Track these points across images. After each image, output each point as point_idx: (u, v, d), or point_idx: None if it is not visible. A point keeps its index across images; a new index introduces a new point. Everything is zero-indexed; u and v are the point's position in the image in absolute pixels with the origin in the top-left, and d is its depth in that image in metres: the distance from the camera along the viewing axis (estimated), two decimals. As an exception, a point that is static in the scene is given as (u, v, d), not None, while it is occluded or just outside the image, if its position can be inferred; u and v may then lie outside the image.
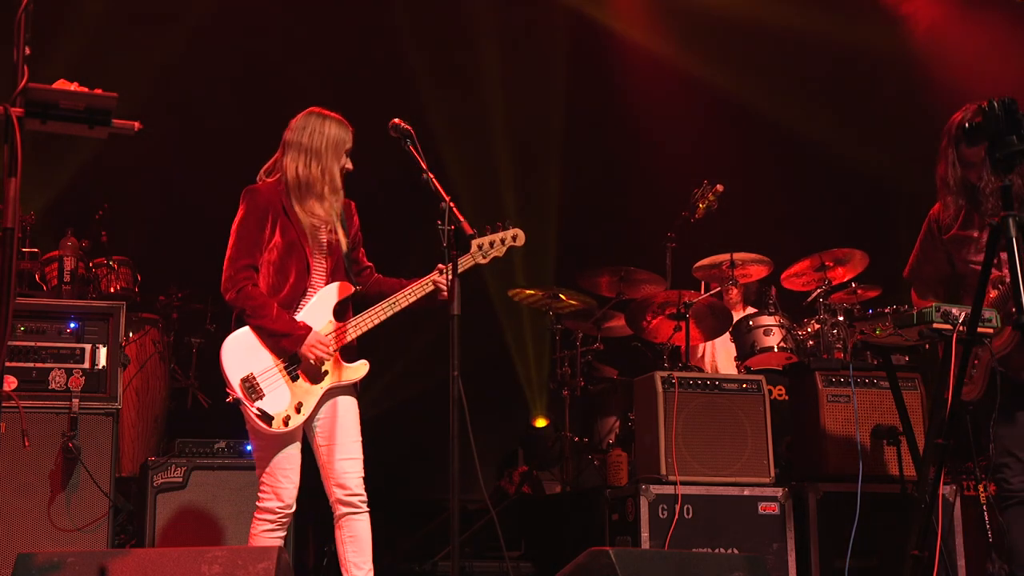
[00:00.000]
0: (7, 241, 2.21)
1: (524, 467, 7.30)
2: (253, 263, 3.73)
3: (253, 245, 3.73)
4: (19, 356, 4.42)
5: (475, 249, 3.95)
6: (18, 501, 4.32)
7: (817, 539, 5.12)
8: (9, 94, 2.31)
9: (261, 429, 3.61)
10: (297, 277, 3.75)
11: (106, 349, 4.54)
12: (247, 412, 3.62)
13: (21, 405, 4.28)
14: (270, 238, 3.74)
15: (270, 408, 3.61)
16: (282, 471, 3.68)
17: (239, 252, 3.73)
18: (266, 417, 3.59)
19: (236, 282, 3.70)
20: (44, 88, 2.39)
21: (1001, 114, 2.96)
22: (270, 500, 3.69)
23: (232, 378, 3.62)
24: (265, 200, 3.77)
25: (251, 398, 3.60)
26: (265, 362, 3.67)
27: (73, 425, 4.39)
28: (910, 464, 5.08)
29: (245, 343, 3.68)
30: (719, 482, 5.15)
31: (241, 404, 3.63)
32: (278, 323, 3.66)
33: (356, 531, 3.70)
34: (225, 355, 3.66)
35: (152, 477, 4.69)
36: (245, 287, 3.68)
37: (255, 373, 3.64)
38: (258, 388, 3.62)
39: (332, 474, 3.73)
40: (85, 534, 4.36)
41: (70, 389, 4.44)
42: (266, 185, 3.83)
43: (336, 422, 3.76)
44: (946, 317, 3.96)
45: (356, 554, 3.69)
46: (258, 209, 3.75)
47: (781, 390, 6.11)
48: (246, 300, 3.67)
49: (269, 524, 3.70)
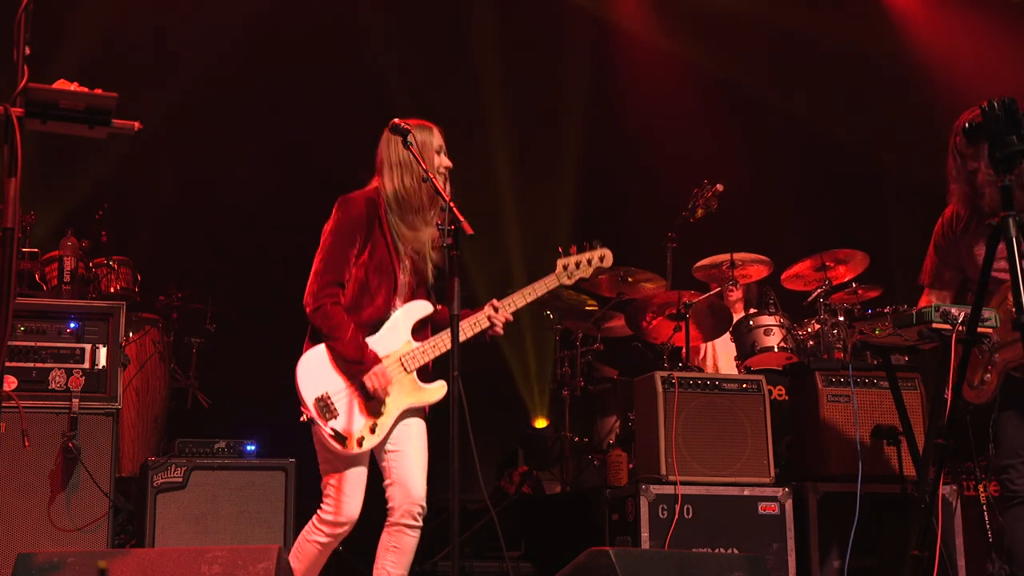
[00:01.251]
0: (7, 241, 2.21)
1: (524, 467, 7.30)
2: (339, 279, 3.63)
3: (342, 260, 3.64)
4: (19, 356, 4.41)
5: (560, 269, 3.88)
6: (18, 501, 4.32)
7: (817, 539, 5.12)
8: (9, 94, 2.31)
9: (335, 449, 3.56)
10: (384, 298, 3.68)
11: (106, 349, 4.54)
12: (321, 432, 3.56)
13: (21, 405, 4.28)
14: (359, 253, 3.65)
15: (344, 428, 3.55)
16: (348, 487, 3.62)
17: (326, 267, 3.63)
18: (339, 438, 3.53)
19: (319, 298, 3.60)
20: (44, 88, 2.39)
21: (1001, 114, 2.96)
22: (332, 514, 3.63)
23: (307, 397, 3.56)
24: (360, 212, 3.67)
25: (325, 418, 3.55)
26: (339, 381, 3.60)
27: (73, 425, 4.38)
28: (910, 464, 5.08)
29: (320, 361, 3.61)
30: (719, 482, 5.15)
31: (315, 424, 3.57)
32: (348, 347, 3.58)
33: (404, 544, 3.65)
34: (300, 374, 3.58)
35: (152, 477, 4.69)
36: (325, 305, 3.59)
37: (330, 392, 3.58)
38: (332, 408, 3.56)
39: (402, 480, 3.65)
40: (85, 534, 4.36)
41: (70, 389, 4.44)
42: (362, 195, 3.73)
43: (406, 430, 3.70)
44: (945, 317, 3.96)
45: (395, 566, 3.65)
46: (352, 221, 3.65)
47: (781, 390, 6.11)
48: (324, 319, 3.59)
49: (325, 537, 3.65)
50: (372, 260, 3.67)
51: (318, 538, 3.66)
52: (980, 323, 3.52)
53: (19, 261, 4.84)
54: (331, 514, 3.64)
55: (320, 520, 3.67)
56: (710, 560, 4.29)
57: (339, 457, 3.61)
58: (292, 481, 4.82)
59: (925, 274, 4.47)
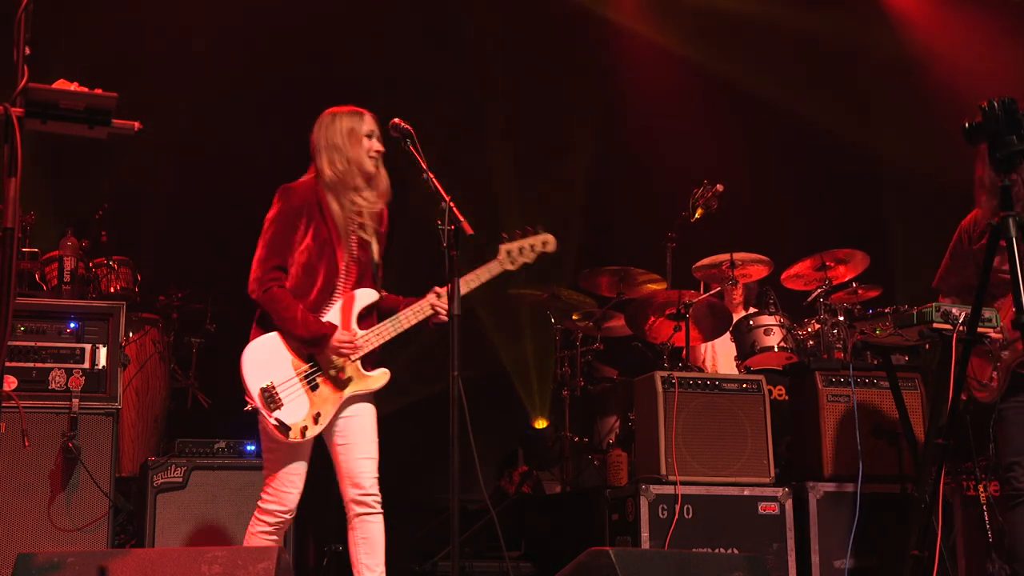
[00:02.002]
0: (7, 241, 2.21)
1: (524, 467, 7.30)
2: (282, 264, 3.68)
3: (284, 245, 3.69)
4: (19, 356, 4.41)
5: (503, 255, 3.88)
6: (18, 501, 4.32)
7: (817, 539, 5.12)
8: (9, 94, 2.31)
9: (279, 439, 3.58)
10: (325, 280, 3.71)
11: (106, 349, 4.54)
12: (265, 422, 3.59)
13: (21, 405, 4.28)
14: (302, 239, 3.70)
15: (288, 418, 3.57)
16: (289, 478, 3.66)
17: (269, 252, 3.69)
18: (284, 428, 3.56)
19: (264, 283, 3.65)
20: (44, 88, 2.39)
21: (1001, 114, 2.96)
22: (272, 503, 3.68)
23: (252, 387, 3.59)
24: (300, 199, 3.73)
25: (269, 408, 3.57)
26: (286, 371, 3.63)
27: (73, 425, 4.38)
28: (910, 464, 5.08)
29: (265, 351, 3.64)
30: (719, 482, 5.16)
31: (259, 413, 3.60)
32: (304, 326, 3.62)
33: (369, 532, 3.68)
34: (245, 364, 3.61)
35: (152, 477, 4.69)
36: (272, 288, 3.64)
37: (275, 382, 3.60)
38: (277, 398, 3.59)
39: (348, 473, 3.70)
40: (85, 534, 4.36)
41: (70, 389, 4.44)
42: (302, 183, 3.79)
43: (355, 422, 3.73)
44: (946, 317, 3.96)
45: (368, 556, 3.67)
46: (292, 208, 3.71)
47: (781, 390, 6.11)
48: (272, 302, 3.63)
49: (268, 527, 3.69)
50: (315, 244, 3.70)
51: (262, 528, 3.70)
52: (980, 323, 3.53)
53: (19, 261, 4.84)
54: (271, 503, 3.68)
55: (261, 511, 3.70)
56: (710, 560, 4.29)
57: (282, 447, 3.64)
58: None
59: (938, 278, 4.51)
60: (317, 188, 3.76)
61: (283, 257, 3.68)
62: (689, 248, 6.56)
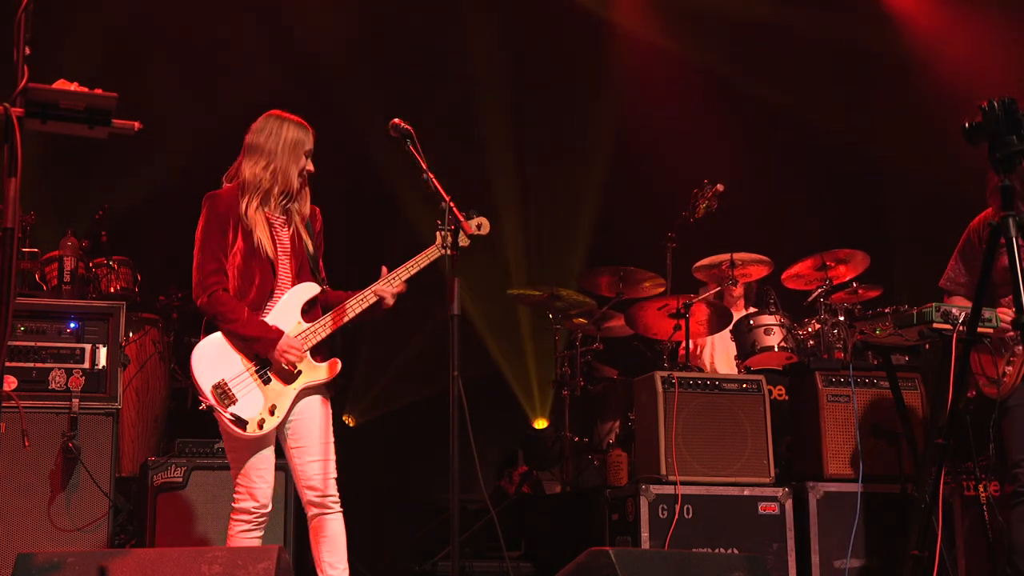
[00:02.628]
0: (7, 241, 2.21)
1: (524, 467, 7.30)
2: (221, 267, 3.71)
3: (218, 249, 3.72)
4: (19, 356, 4.41)
5: (439, 240, 3.91)
6: (18, 501, 4.32)
7: (817, 539, 5.12)
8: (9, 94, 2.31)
9: (236, 434, 3.61)
10: (262, 280, 3.74)
11: (106, 349, 4.54)
12: (221, 418, 3.61)
13: (21, 405, 4.28)
14: (233, 242, 3.73)
15: (243, 413, 3.61)
16: (256, 472, 3.68)
17: (205, 257, 3.73)
18: (240, 422, 3.59)
19: (206, 287, 3.69)
20: (44, 88, 2.38)
21: (1001, 114, 2.96)
22: (245, 500, 3.69)
23: (204, 385, 3.62)
24: (225, 205, 3.76)
25: (224, 404, 3.60)
26: (236, 367, 3.67)
27: (73, 425, 4.38)
28: (910, 464, 5.08)
29: (215, 349, 3.68)
30: (719, 482, 5.16)
31: (214, 411, 3.62)
32: (249, 327, 3.66)
33: (329, 531, 3.71)
34: (196, 363, 3.65)
35: (152, 477, 4.69)
36: (216, 292, 3.68)
37: (227, 379, 3.64)
38: (230, 394, 3.62)
39: (302, 476, 3.74)
40: (85, 534, 4.36)
41: (70, 389, 4.44)
42: (227, 190, 3.84)
43: (306, 424, 3.76)
44: (946, 317, 3.97)
45: (330, 554, 3.70)
46: (219, 215, 3.75)
47: (781, 390, 6.11)
48: (216, 305, 3.68)
49: (245, 524, 3.70)
50: (245, 246, 3.73)
51: (241, 528, 3.70)
52: (980, 323, 3.52)
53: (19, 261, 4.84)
54: (243, 501, 3.69)
55: (236, 512, 3.71)
56: (710, 560, 4.29)
57: (242, 442, 3.66)
58: (292, 481, 4.80)
59: (944, 277, 4.52)
60: (243, 191, 3.79)
61: (219, 261, 3.72)
62: (689, 248, 6.56)
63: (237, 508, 3.70)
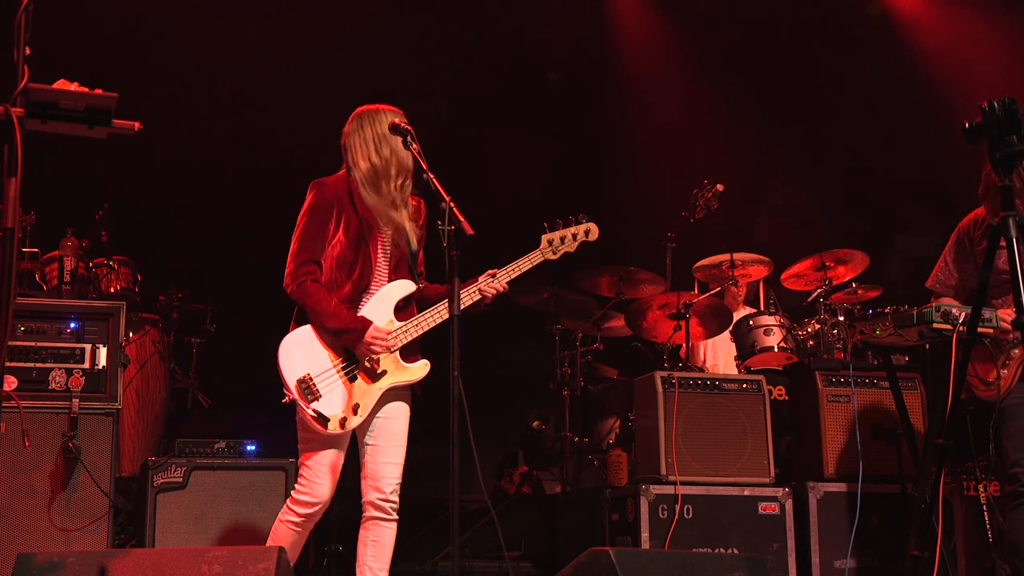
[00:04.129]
0: (7, 241, 2.21)
1: (524, 467, 7.30)
2: (315, 258, 3.67)
3: (317, 239, 3.67)
4: (19, 356, 4.41)
5: (544, 245, 3.87)
6: (18, 501, 4.32)
7: (817, 539, 5.12)
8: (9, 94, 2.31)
9: (318, 431, 3.57)
10: (360, 274, 3.69)
11: (106, 349, 4.54)
12: (304, 413, 3.57)
13: (21, 405, 4.28)
14: (334, 233, 3.69)
15: (326, 409, 3.56)
16: (323, 469, 3.63)
17: (302, 246, 3.68)
18: (322, 419, 3.55)
19: (297, 277, 3.64)
20: (44, 88, 2.38)
21: (1001, 114, 2.96)
22: (305, 494, 3.64)
23: (288, 379, 3.57)
24: (332, 193, 3.71)
25: (307, 399, 3.56)
26: (323, 362, 3.62)
27: (73, 425, 4.38)
28: (910, 464, 5.08)
29: (302, 342, 3.63)
30: (719, 482, 5.16)
31: (297, 405, 3.58)
32: (336, 319, 3.60)
33: (381, 536, 3.67)
34: (282, 356, 3.60)
35: (152, 477, 4.69)
36: (305, 282, 3.63)
37: (312, 374, 3.59)
38: (314, 389, 3.57)
39: (372, 475, 3.69)
40: (85, 534, 4.35)
41: (70, 389, 4.44)
42: (335, 178, 3.79)
43: (387, 424, 3.71)
44: (946, 317, 3.97)
45: (376, 559, 3.66)
46: (325, 202, 3.70)
47: (781, 390, 6.11)
48: (305, 296, 3.62)
49: (298, 517, 3.66)
50: (347, 238, 3.69)
51: (291, 518, 3.68)
52: (980, 323, 3.53)
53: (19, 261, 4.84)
54: (304, 494, 3.66)
55: (293, 500, 3.68)
56: (710, 560, 4.29)
57: (320, 438, 3.63)
58: (292, 481, 4.81)
59: (932, 277, 4.51)
60: (349, 182, 3.74)
61: (316, 251, 3.67)
62: (689, 248, 6.56)
63: (296, 499, 3.66)
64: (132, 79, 6.92)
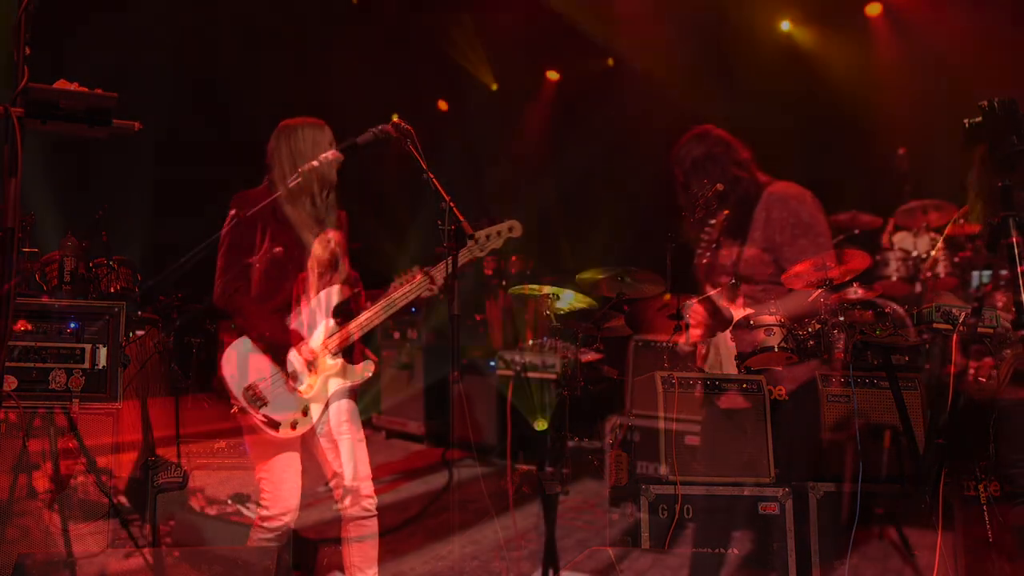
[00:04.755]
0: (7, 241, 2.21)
1: (524, 467, 7.29)
2: (242, 272, 3.72)
3: (244, 252, 3.73)
4: (19, 356, 4.41)
5: (472, 243, 3.92)
6: (18, 501, 4.31)
7: (817, 539, 5.11)
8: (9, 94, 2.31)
9: (271, 436, 3.58)
10: (290, 284, 3.75)
11: (106, 349, 4.54)
12: (253, 420, 3.59)
13: (21, 405, 4.27)
14: (261, 244, 3.74)
15: (276, 414, 3.59)
16: (282, 475, 3.67)
17: (229, 262, 3.74)
18: (273, 423, 3.57)
19: (225, 292, 3.72)
20: (44, 88, 2.39)
21: (1001, 114, 2.96)
22: (272, 507, 3.66)
23: (235, 388, 3.61)
24: (255, 206, 3.77)
25: (255, 406, 3.58)
26: (267, 369, 3.66)
27: (73, 425, 4.38)
28: (910, 464, 5.08)
29: (246, 352, 3.67)
30: (719, 482, 5.15)
31: (245, 414, 3.60)
32: (265, 331, 3.66)
33: (364, 535, 3.69)
34: (225, 367, 3.65)
35: (152, 477, 4.69)
36: (234, 297, 3.70)
37: (258, 381, 3.62)
38: (261, 396, 3.60)
39: (337, 475, 3.72)
40: (85, 534, 4.35)
41: (70, 389, 4.44)
42: (256, 191, 3.84)
43: (340, 424, 3.74)
44: (946, 317, 3.96)
45: (362, 559, 3.68)
46: (249, 217, 3.76)
47: (781, 390, 6.10)
48: (235, 310, 3.70)
49: (270, 534, 3.66)
50: (275, 247, 3.73)
51: (264, 536, 3.68)
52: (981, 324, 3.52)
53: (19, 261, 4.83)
54: (269, 507, 3.67)
55: (261, 519, 3.69)
56: (710, 560, 4.28)
57: (273, 443, 3.64)
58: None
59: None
60: (272, 194, 3.79)
61: (243, 265, 3.72)
62: (689, 248, 6.55)
63: (263, 516, 3.66)
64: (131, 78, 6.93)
